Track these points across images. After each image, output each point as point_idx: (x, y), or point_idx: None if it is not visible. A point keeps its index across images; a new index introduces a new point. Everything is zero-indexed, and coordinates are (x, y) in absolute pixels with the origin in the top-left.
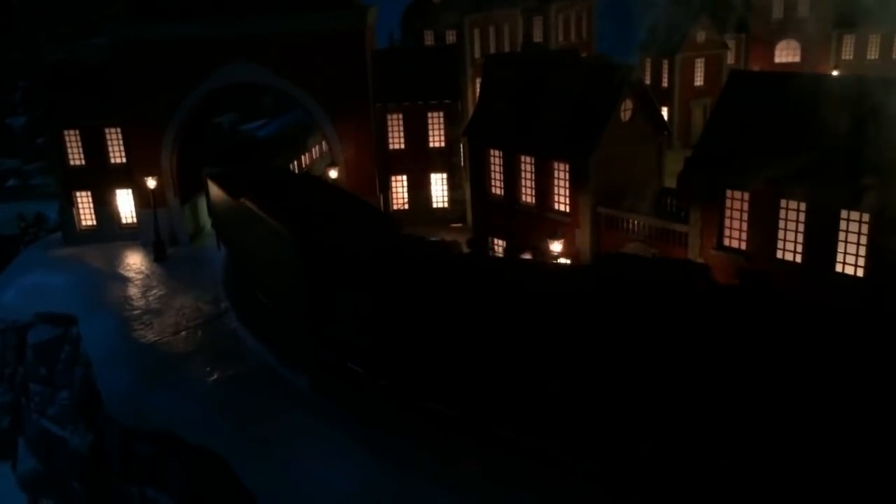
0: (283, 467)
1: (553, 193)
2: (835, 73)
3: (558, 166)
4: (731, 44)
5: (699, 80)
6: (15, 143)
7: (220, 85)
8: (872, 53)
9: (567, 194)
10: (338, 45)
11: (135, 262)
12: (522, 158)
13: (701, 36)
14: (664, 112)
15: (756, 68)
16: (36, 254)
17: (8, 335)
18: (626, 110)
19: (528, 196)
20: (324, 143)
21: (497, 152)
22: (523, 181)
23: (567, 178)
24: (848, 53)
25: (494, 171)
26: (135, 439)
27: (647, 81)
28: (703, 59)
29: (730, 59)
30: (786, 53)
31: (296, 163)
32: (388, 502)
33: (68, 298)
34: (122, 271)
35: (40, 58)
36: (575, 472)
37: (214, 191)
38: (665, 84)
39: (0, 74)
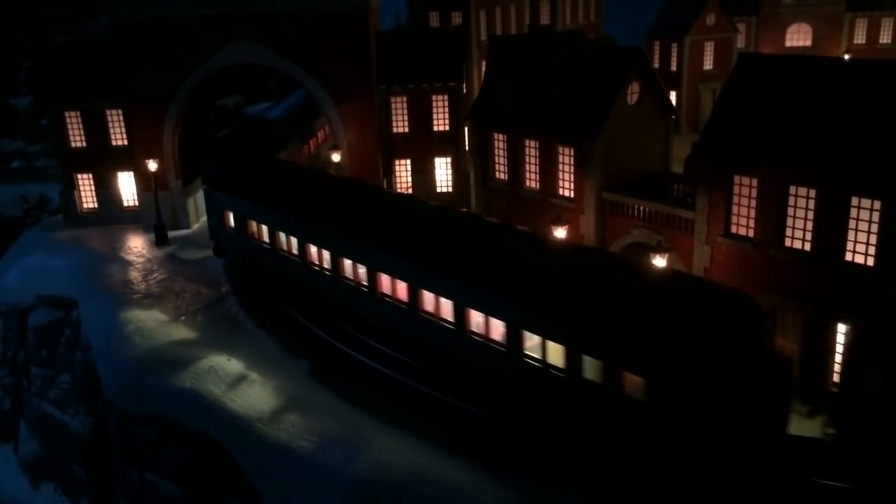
0: (281, 453)
1: (557, 178)
2: (846, 57)
3: (563, 150)
4: (742, 27)
5: (708, 64)
6: (19, 124)
7: (223, 66)
8: (885, 37)
9: (572, 179)
10: (341, 25)
11: (136, 245)
12: (527, 142)
13: (711, 19)
14: (672, 96)
15: (766, 52)
16: (37, 236)
17: (10, 317)
18: (633, 94)
19: (532, 181)
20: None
21: (501, 136)
22: (527, 165)
23: (572, 162)
24: (860, 37)
25: (498, 155)
26: (134, 424)
27: (656, 65)
28: (712, 43)
29: (740, 42)
30: (797, 37)
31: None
32: (387, 489)
33: (69, 281)
34: (123, 255)
35: (44, 38)
36: None
37: None
38: (674, 68)
39: (4, 55)
